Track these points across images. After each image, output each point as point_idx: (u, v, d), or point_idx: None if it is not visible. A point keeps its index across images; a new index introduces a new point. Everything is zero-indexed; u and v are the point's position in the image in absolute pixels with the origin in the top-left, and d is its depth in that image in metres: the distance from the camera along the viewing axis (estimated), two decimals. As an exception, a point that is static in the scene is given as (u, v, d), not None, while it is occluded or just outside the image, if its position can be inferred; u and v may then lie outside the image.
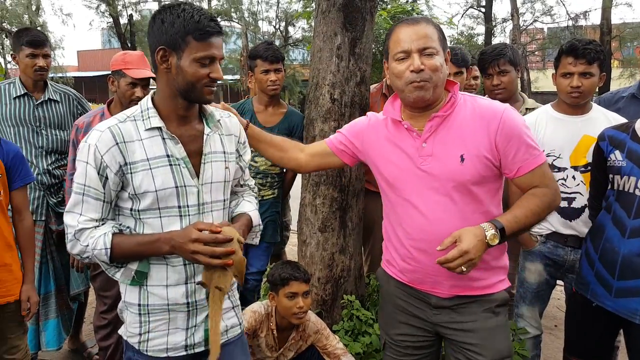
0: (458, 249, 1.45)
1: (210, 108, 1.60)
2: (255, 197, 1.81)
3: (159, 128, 1.47)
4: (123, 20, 22.97)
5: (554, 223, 2.34)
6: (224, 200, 1.61)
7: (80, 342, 3.23)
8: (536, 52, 24.12)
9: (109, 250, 1.44)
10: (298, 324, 2.29)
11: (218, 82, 1.51)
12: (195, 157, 1.53)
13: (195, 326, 1.56)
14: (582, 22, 21.24)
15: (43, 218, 2.79)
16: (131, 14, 23.44)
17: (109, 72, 2.49)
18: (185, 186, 1.48)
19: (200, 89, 1.45)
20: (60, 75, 21.17)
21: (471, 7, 23.74)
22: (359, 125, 1.87)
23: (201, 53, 1.41)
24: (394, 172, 1.70)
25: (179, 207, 1.49)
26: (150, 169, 1.44)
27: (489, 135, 1.55)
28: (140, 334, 1.54)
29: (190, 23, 1.39)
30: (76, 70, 36.18)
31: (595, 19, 21.73)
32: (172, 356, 1.54)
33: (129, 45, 22.11)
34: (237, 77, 26.34)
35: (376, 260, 2.75)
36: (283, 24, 26.78)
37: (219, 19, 1.44)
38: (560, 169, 2.31)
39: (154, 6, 26.37)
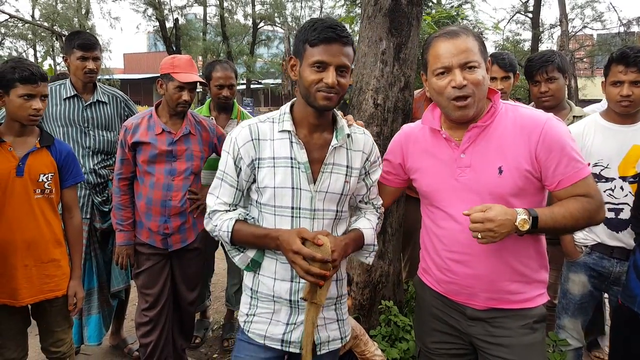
0: (483, 214, 1.42)
1: (342, 122, 1.66)
2: (379, 217, 1.83)
3: (289, 132, 1.58)
4: (169, 24, 23.63)
5: (600, 234, 2.28)
6: (337, 212, 1.66)
7: (121, 339, 3.31)
8: (584, 59, 23.31)
9: (230, 234, 1.61)
10: None
11: (338, 89, 1.51)
12: (318, 164, 1.61)
13: (295, 324, 1.63)
14: (634, 28, 20.37)
15: (88, 216, 2.86)
16: (177, 17, 24.08)
17: (154, 75, 2.58)
18: (300, 189, 1.58)
19: (314, 94, 1.51)
20: (107, 77, 21.96)
21: (518, 12, 23.19)
22: (395, 141, 1.87)
23: (313, 58, 1.49)
24: (431, 183, 1.69)
25: (292, 208, 1.59)
26: (274, 167, 1.58)
27: (529, 147, 1.50)
28: (247, 314, 1.70)
29: (309, 31, 1.49)
30: (122, 72, 37.44)
31: (650, 25, 20.79)
32: (269, 345, 1.65)
33: (174, 48, 22.71)
34: (279, 81, 26.67)
35: (415, 266, 2.73)
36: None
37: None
38: (608, 179, 2.25)
39: (199, 10, 27.06)
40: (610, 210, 2.24)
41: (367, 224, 1.75)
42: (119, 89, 3.17)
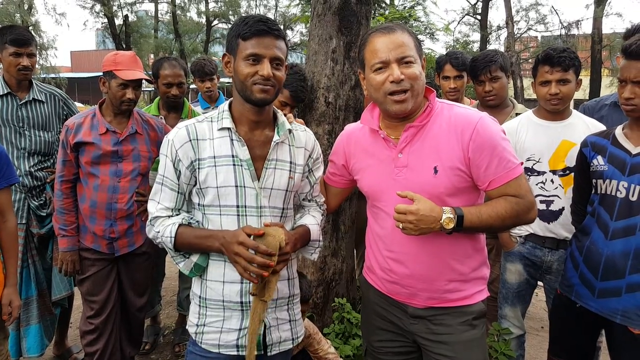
0: (406, 205, 1.44)
1: (282, 118, 1.65)
2: (322, 214, 1.83)
3: (229, 129, 1.55)
4: (118, 21, 22.86)
5: (533, 225, 2.38)
6: (283, 209, 1.65)
7: (65, 348, 3.16)
8: (529, 60, 24.33)
9: (173, 239, 1.55)
10: None
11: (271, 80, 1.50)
12: (261, 161, 1.59)
13: (248, 327, 1.58)
14: (574, 31, 21.49)
15: (24, 221, 2.72)
16: (126, 14, 23.34)
17: (102, 73, 2.45)
18: (244, 187, 1.55)
19: (249, 87, 1.50)
20: (53, 76, 20.88)
21: (467, 14, 23.95)
22: (338, 143, 1.87)
23: (247, 51, 1.49)
24: (372, 183, 1.69)
25: (237, 206, 1.55)
26: (215, 166, 1.54)
27: (462, 146, 1.50)
28: (197, 325, 1.64)
29: (240, 26, 1.49)
30: (69, 71, 35.96)
31: (588, 28, 22.03)
32: (224, 353, 1.60)
33: (124, 46, 21.99)
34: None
35: (367, 262, 2.77)
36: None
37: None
38: (539, 173, 2.37)
39: (150, 7, 26.42)
40: (541, 202, 2.35)
41: (313, 220, 1.75)
42: (66, 88, 3.02)
